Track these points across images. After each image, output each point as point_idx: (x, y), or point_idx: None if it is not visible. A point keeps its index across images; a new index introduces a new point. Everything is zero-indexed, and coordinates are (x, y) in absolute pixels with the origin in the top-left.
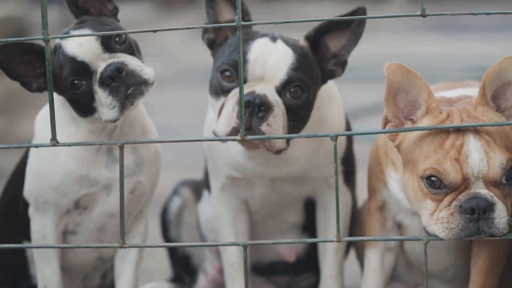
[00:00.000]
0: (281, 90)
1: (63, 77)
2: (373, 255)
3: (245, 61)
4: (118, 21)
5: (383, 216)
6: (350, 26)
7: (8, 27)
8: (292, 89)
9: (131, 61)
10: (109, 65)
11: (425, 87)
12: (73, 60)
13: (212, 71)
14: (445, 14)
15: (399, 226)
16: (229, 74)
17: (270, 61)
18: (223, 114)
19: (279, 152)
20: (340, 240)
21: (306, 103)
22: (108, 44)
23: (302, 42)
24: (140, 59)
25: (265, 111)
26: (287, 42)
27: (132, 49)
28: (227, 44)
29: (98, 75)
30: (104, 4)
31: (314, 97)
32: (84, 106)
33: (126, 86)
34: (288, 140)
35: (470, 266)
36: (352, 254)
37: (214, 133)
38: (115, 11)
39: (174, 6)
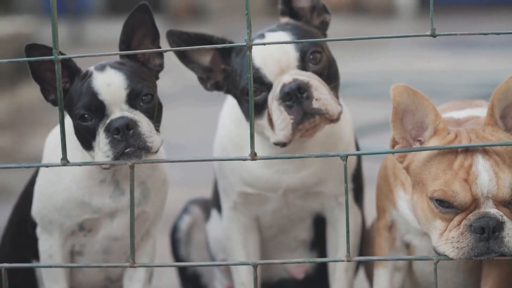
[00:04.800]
0: (303, 64)
1: (78, 105)
2: (382, 275)
3: (256, 69)
4: (158, 78)
5: (392, 235)
6: None
7: (17, 44)
8: (311, 57)
9: (144, 124)
10: (121, 117)
11: (432, 108)
12: (94, 95)
13: (236, 99)
14: (455, 34)
15: (407, 246)
16: (255, 89)
17: (276, 54)
18: (276, 123)
19: (337, 120)
20: (350, 260)
21: (328, 59)
22: (134, 98)
23: (286, 20)
24: (157, 126)
25: (306, 89)
26: (283, 28)
27: (153, 113)
28: (233, 70)
29: (108, 121)
30: (153, 56)
31: (330, 52)
32: (84, 139)
33: (128, 144)
34: (339, 103)
35: (480, 287)
36: (362, 272)
37: (276, 144)
38: (159, 68)
39: (180, 21)
